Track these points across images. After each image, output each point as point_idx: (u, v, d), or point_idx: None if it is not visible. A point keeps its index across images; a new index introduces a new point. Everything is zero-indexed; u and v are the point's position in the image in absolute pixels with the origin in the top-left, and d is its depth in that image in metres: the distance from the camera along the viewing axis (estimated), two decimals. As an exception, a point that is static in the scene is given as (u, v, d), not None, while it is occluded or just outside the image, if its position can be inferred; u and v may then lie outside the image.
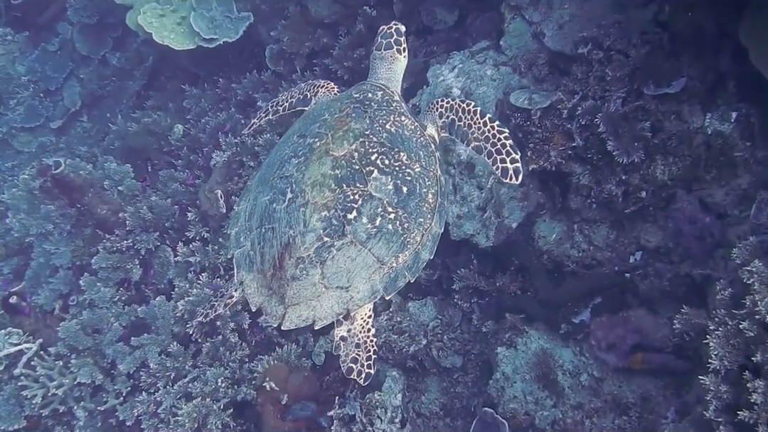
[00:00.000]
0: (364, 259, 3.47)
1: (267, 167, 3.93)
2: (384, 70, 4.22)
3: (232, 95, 7.75)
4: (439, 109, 4.02)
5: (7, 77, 10.05)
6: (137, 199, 7.07)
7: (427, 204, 3.66)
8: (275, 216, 3.57)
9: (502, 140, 3.79)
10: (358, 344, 3.63)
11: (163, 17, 7.78)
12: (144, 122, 7.90)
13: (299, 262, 3.43)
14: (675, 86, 4.90)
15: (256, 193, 3.82)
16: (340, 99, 4.01)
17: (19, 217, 7.19)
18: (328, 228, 3.44)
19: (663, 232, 5.07)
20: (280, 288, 3.50)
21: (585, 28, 5.28)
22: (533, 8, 5.63)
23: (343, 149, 3.59)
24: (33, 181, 7.24)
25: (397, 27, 4.23)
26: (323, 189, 3.49)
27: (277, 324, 3.50)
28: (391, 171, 3.58)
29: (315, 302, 3.49)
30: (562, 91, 5.27)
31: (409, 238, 3.56)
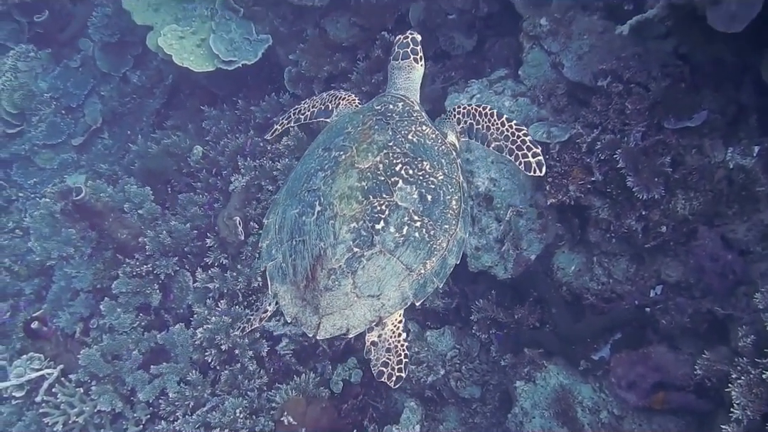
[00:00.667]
0: (393, 267, 3.54)
1: (293, 180, 3.99)
2: (402, 80, 4.30)
3: (251, 117, 7.76)
4: (456, 116, 4.14)
5: (29, 94, 10.13)
6: (157, 223, 7.11)
7: (451, 210, 3.74)
8: (305, 229, 3.64)
9: (522, 137, 3.92)
10: (389, 349, 3.68)
11: (183, 39, 7.80)
12: (164, 144, 7.94)
13: (331, 273, 3.50)
14: (696, 119, 4.85)
15: (285, 206, 3.88)
16: (362, 111, 4.09)
17: (40, 240, 7.24)
18: (358, 239, 3.51)
19: (684, 266, 5.02)
20: (314, 299, 3.55)
21: (604, 59, 5.23)
22: (552, 38, 5.58)
23: (368, 161, 3.67)
24: (54, 205, 7.30)
25: (413, 36, 4.31)
26: (351, 201, 3.57)
27: (312, 334, 3.57)
28: (416, 180, 3.66)
29: (348, 311, 3.55)
30: (581, 123, 5.23)
31: (436, 245, 3.64)
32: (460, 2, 6.60)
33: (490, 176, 5.45)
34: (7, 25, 10.82)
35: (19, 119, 10.14)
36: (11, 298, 8.08)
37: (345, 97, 4.52)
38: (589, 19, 5.44)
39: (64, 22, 10.81)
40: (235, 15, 7.83)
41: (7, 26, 10.80)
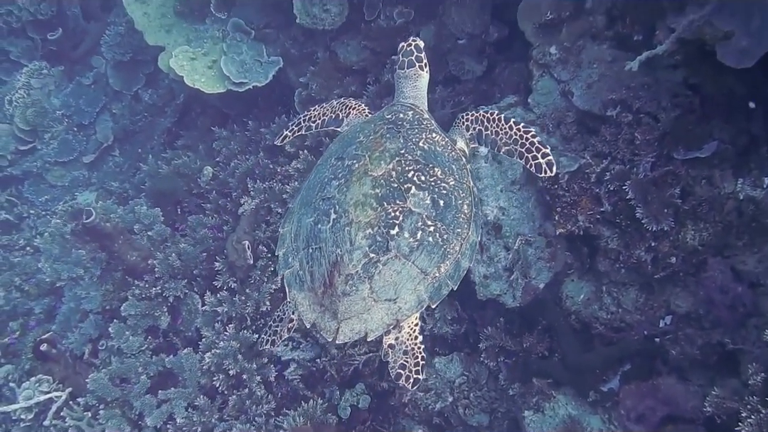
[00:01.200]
0: (408, 271, 3.61)
1: (307, 189, 4.07)
2: (410, 88, 4.37)
3: (261, 138, 7.77)
4: (465, 123, 4.23)
5: (42, 111, 10.21)
6: (166, 245, 7.12)
7: (463, 215, 3.82)
8: (321, 236, 3.72)
9: (530, 139, 3.97)
10: (405, 351, 3.75)
11: (194, 60, 7.84)
12: (174, 164, 7.97)
13: (348, 278, 3.57)
14: (706, 150, 4.83)
15: (300, 215, 3.96)
16: (373, 121, 4.18)
17: (50, 261, 7.27)
18: (374, 245, 3.58)
19: (693, 297, 4.99)
20: (332, 304, 3.63)
21: (614, 89, 5.23)
22: (562, 67, 5.58)
23: (381, 169, 3.75)
24: (65, 226, 7.33)
25: (416, 43, 4.37)
26: (366, 208, 3.64)
27: (332, 338, 3.63)
28: (428, 186, 3.74)
29: (366, 315, 3.62)
30: (590, 152, 5.23)
31: (449, 249, 3.72)
32: (470, 27, 6.62)
33: (499, 205, 5.44)
34: (21, 42, 10.93)
35: (32, 136, 10.21)
36: (21, 317, 8.11)
37: (355, 106, 4.63)
38: (599, 48, 5.43)
39: (77, 39, 10.91)
40: (246, 37, 7.87)
41: (22, 43, 10.92)
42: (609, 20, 5.40)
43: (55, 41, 10.52)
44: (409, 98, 4.36)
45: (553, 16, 5.56)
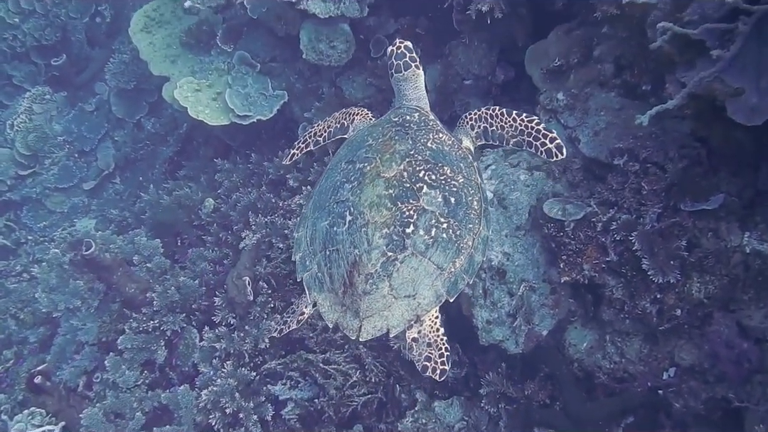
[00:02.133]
0: (425, 267, 3.70)
1: (319, 194, 4.15)
2: (411, 90, 4.46)
3: (263, 172, 7.74)
4: (469, 122, 4.33)
5: (43, 136, 10.21)
6: (165, 278, 7.07)
7: (473, 211, 3.92)
8: (338, 238, 3.79)
9: (536, 127, 4.08)
10: (429, 343, 3.83)
11: (199, 92, 7.85)
12: (176, 195, 7.94)
13: (368, 278, 3.65)
14: (712, 202, 4.80)
15: (314, 219, 4.04)
16: (380, 124, 4.29)
17: (47, 291, 7.20)
18: (390, 243, 3.67)
19: (698, 350, 4.94)
20: (353, 303, 3.71)
21: (621, 137, 5.23)
22: (569, 113, 5.58)
23: (393, 170, 3.85)
24: (63, 256, 7.27)
25: (406, 44, 4.42)
26: (380, 208, 3.73)
27: (355, 336, 3.71)
28: (439, 185, 3.83)
29: (387, 312, 3.71)
30: (596, 200, 5.20)
31: (463, 244, 3.81)
32: (476, 68, 6.64)
33: (503, 250, 5.41)
34: (25, 66, 10.95)
35: (32, 161, 10.19)
36: (15, 346, 8.03)
37: (358, 112, 4.71)
38: (606, 96, 5.43)
39: (81, 65, 10.95)
40: (251, 70, 7.88)
41: (25, 68, 10.95)
42: (617, 69, 5.41)
43: (58, 67, 10.53)
44: (412, 100, 4.47)
45: (561, 63, 5.57)
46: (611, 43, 5.39)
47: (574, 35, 5.63)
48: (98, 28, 11.13)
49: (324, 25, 7.13)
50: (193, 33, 8.30)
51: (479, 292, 5.47)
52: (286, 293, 6.67)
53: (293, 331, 4.17)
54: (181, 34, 8.43)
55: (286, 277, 6.72)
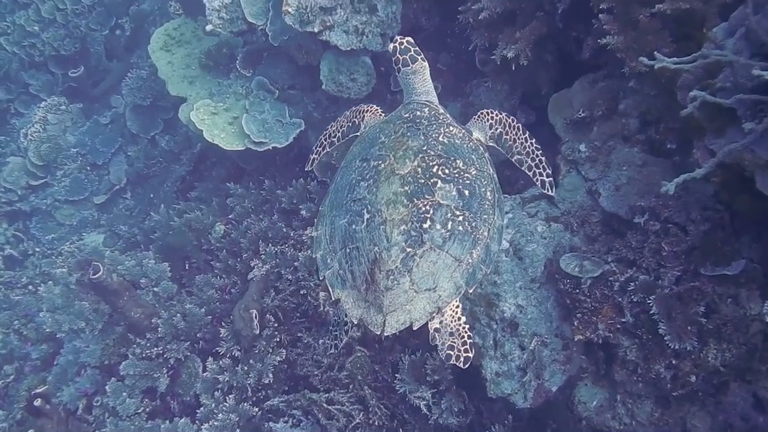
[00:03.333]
0: (444, 260, 3.84)
1: (335, 192, 4.27)
2: (419, 83, 4.60)
3: (276, 200, 7.66)
4: (489, 120, 4.60)
5: (56, 147, 10.18)
6: (172, 303, 7.00)
7: (487, 201, 4.07)
8: (357, 236, 3.91)
9: (540, 157, 4.55)
10: (451, 333, 4.00)
11: (215, 115, 7.79)
12: (186, 218, 7.86)
13: (390, 274, 3.78)
14: (733, 268, 4.70)
15: (332, 217, 4.16)
16: (391, 121, 4.40)
17: (52, 312, 7.12)
18: (409, 239, 3.80)
19: (712, 419, 4.82)
20: (376, 299, 3.83)
21: (643, 194, 5.14)
22: (590, 165, 5.50)
23: (407, 167, 3.98)
24: (70, 276, 7.20)
25: (407, 39, 4.57)
26: (397, 205, 3.86)
27: (380, 331, 3.83)
28: (452, 178, 3.97)
29: (409, 306, 3.83)
30: (613, 256, 5.10)
31: (479, 235, 3.95)
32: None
33: (517, 302, 5.31)
34: (42, 75, 10.94)
35: (44, 171, 10.15)
36: (17, 361, 7.96)
37: (368, 109, 4.84)
38: (629, 150, 5.35)
39: (98, 77, 10.97)
40: (269, 96, 7.82)
41: (42, 77, 10.94)
42: (642, 124, 5.32)
43: (75, 78, 10.52)
44: (421, 94, 4.59)
45: (585, 115, 5.48)
46: (637, 98, 5.30)
47: (599, 87, 5.55)
48: (117, 40, 11.14)
49: (345, 56, 7.08)
50: (213, 55, 8.26)
51: (490, 342, 5.37)
52: (292, 327, 6.60)
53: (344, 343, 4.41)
54: (200, 55, 8.38)
55: (294, 311, 6.64)
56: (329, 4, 6.82)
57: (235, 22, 7.58)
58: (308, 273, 6.62)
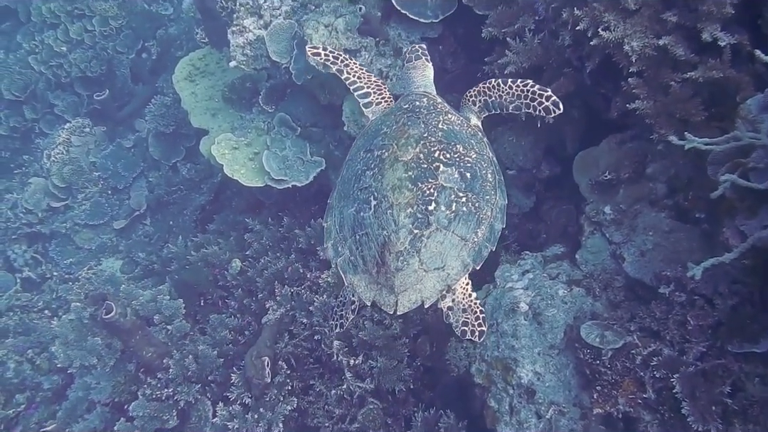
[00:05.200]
0: (450, 240, 4.05)
1: (342, 184, 4.52)
2: (419, 77, 4.99)
3: (294, 238, 7.55)
4: (471, 99, 4.84)
5: (79, 170, 10.17)
6: (184, 343, 6.92)
7: (488, 183, 4.31)
8: (365, 222, 4.14)
9: (530, 89, 4.66)
10: (464, 309, 4.22)
11: (236, 150, 7.71)
12: (203, 253, 7.78)
13: (399, 255, 3.99)
14: (762, 346, 4.51)
15: (341, 208, 4.41)
16: (392, 112, 4.68)
17: (64, 347, 7.06)
18: (416, 221, 4.02)
19: (734, 502, 4.63)
20: (388, 281, 4.04)
21: (669, 262, 4.96)
22: (615, 227, 5.33)
23: (410, 153, 4.21)
24: (84, 310, 7.15)
25: (421, 45, 5.22)
26: (403, 190, 4.08)
27: (393, 311, 4.05)
28: (454, 162, 4.20)
29: (419, 286, 4.05)
30: (636, 325, 4.93)
31: (482, 215, 4.19)
32: (521, 160, 6.41)
33: (534, 369, 5.14)
34: (68, 96, 10.97)
35: (65, 193, 10.14)
36: (29, 391, 7.92)
37: (385, 97, 5.21)
38: (656, 215, 5.17)
39: (123, 100, 10.98)
40: (291, 132, 7.74)
41: (68, 98, 10.96)
42: (670, 190, 5.15)
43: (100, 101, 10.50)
44: (420, 87, 4.93)
45: (611, 177, 5.32)
46: (666, 163, 5.14)
47: (626, 148, 5.39)
48: (143, 64, 11.16)
49: (368, 98, 6.97)
50: (236, 88, 8.20)
51: (505, 407, 5.21)
52: (305, 373, 6.48)
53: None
54: (224, 87, 8.33)
55: (307, 357, 6.53)
56: (354, 46, 6.74)
57: (258, 60, 7.50)
58: (323, 318, 6.51)
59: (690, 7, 4.65)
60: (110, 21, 11.13)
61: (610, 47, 4.87)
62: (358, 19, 6.75)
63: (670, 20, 4.67)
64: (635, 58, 4.75)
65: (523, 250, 6.07)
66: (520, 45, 5.57)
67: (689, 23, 4.64)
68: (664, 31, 4.74)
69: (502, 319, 5.32)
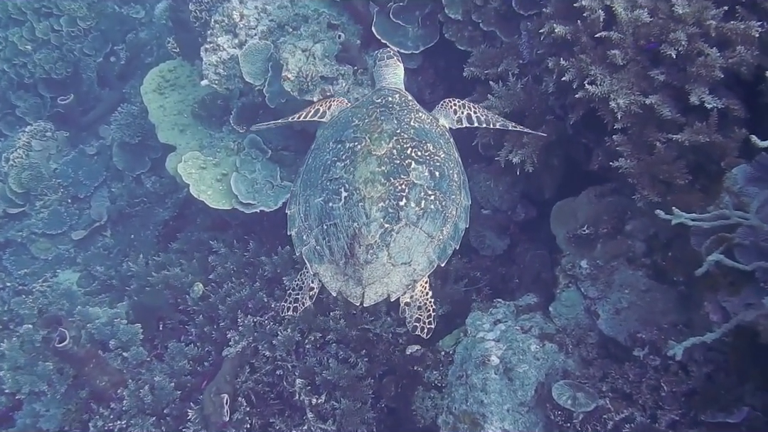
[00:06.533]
0: (418, 236, 4.14)
1: (308, 173, 4.55)
2: (390, 75, 5.05)
3: (260, 265, 7.31)
4: (452, 107, 4.91)
5: (38, 176, 9.79)
6: (140, 371, 6.66)
7: (455, 183, 4.41)
8: (334, 213, 4.17)
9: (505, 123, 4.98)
10: (420, 306, 4.28)
11: (204, 170, 7.46)
12: (164, 275, 7.51)
13: (369, 248, 4.05)
14: (736, 416, 4.43)
15: (306, 196, 4.43)
16: (363, 105, 4.73)
17: (13, 371, 6.74)
18: (387, 216, 4.08)
19: None
20: (356, 272, 4.11)
21: (644, 321, 4.88)
22: (590, 282, 5.22)
23: (383, 148, 4.26)
24: (36, 333, 6.84)
25: (390, 48, 5.50)
26: (375, 184, 4.13)
27: (359, 302, 4.12)
28: (424, 160, 4.27)
29: (387, 279, 4.12)
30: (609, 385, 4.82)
31: (448, 213, 4.28)
32: (497, 200, 6.30)
33: (503, 426, 4.99)
34: (31, 98, 10.60)
35: (23, 199, 9.77)
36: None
37: (335, 99, 5.22)
38: (633, 273, 5.07)
39: (88, 105, 10.62)
40: (262, 155, 7.52)
41: (30, 99, 10.58)
42: (648, 248, 5.05)
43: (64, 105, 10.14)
44: (391, 84, 4.99)
45: (589, 232, 5.20)
46: (645, 221, 5.04)
47: (606, 202, 5.29)
48: (111, 68, 10.84)
49: (343, 127, 6.79)
50: (207, 105, 7.95)
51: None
52: (265, 410, 6.25)
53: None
54: (194, 103, 8.08)
55: (268, 393, 6.31)
56: (331, 73, 6.55)
57: (231, 80, 7.27)
58: (287, 353, 6.31)
59: (678, 66, 4.56)
60: (79, 21, 10.74)
61: (595, 101, 4.76)
62: (337, 46, 6.57)
63: (657, 78, 4.57)
64: (621, 115, 4.64)
65: (495, 295, 5.96)
66: (503, 89, 5.45)
67: (677, 82, 4.55)
68: (650, 89, 4.65)
69: (472, 371, 5.18)
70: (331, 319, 6.30)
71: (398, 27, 6.53)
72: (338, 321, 6.24)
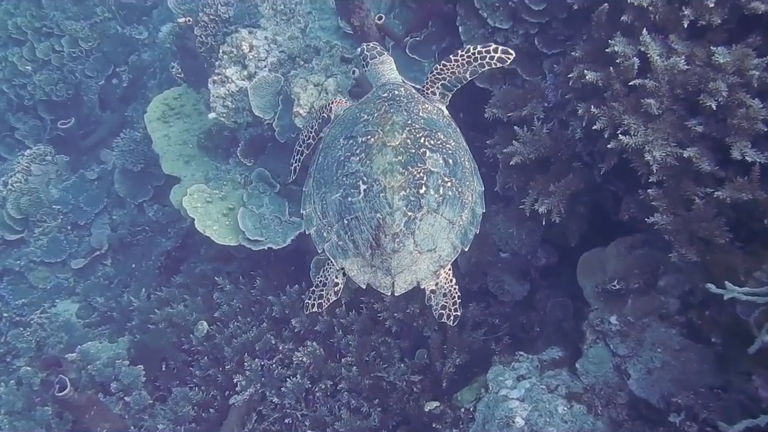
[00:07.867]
0: (440, 223, 4.18)
1: (320, 171, 4.55)
2: (388, 71, 5.05)
3: (267, 304, 7.03)
4: (429, 91, 4.89)
5: (37, 201, 9.53)
6: (143, 418, 6.39)
7: (467, 170, 4.46)
8: (354, 207, 4.19)
9: (476, 52, 4.74)
10: (445, 294, 4.31)
11: (210, 204, 7.20)
12: (167, 312, 7.24)
13: (395, 237, 4.10)
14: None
15: (321, 195, 4.44)
16: (370, 101, 4.71)
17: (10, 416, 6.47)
18: (409, 204, 4.12)
19: None
20: (384, 263, 4.16)
21: (678, 382, 4.60)
22: (620, 339, 4.95)
23: (397, 139, 4.29)
24: (35, 377, 6.56)
25: (374, 43, 5.24)
26: (394, 174, 4.16)
27: (390, 292, 4.17)
28: (437, 148, 4.32)
29: (415, 267, 4.18)
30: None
31: (465, 199, 4.33)
32: (516, 243, 6.04)
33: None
34: (31, 120, 10.35)
35: (22, 225, 9.49)
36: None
37: (333, 100, 5.20)
38: (666, 331, 4.80)
39: (89, 128, 10.37)
40: (270, 189, 7.27)
41: (30, 122, 10.34)
42: (683, 306, 4.78)
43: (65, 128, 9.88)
44: (391, 80, 4.97)
45: (620, 287, 4.94)
46: (679, 276, 4.78)
47: (637, 254, 5.02)
48: (113, 90, 10.59)
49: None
50: (213, 136, 7.71)
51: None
52: (273, 460, 6.00)
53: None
54: (200, 133, 7.84)
55: (276, 442, 6.06)
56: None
57: (240, 113, 7.02)
58: (296, 400, 6.06)
59: (717, 116, 4.31)
60: (80, 42, 10.50)
61: (628, 152, 4.50)
62: (351, 81, 6.31)
63: (695, 129, 4.32)
64: (656, 168, 4.38)
65: (515, 345, 5.70)
66: (528, 134, 5.18)
67: (715, 133, 4.30)
68: (687, 140, 4.40)
69: (495, 433, 4.91)
70: (342, 366, 6.04)
71: (414, 62, 6.29)
72: (350, 368, 5.99)
